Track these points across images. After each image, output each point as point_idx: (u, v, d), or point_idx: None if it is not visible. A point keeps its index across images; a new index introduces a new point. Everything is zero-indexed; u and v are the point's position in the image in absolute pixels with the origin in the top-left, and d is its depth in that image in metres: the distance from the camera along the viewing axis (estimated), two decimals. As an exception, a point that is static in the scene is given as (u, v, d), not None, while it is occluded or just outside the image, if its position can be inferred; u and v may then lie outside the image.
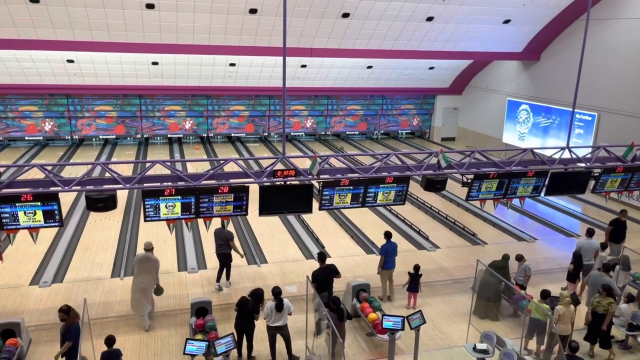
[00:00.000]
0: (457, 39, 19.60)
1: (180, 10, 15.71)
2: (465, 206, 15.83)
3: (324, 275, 8.94)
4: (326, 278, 8.96)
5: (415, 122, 26.82)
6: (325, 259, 9.19)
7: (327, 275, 8.99)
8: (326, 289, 8.88)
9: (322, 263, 9.11)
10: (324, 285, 8.89)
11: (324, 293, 8.76)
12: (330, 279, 9.03)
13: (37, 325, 8.86)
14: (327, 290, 8.85)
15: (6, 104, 21.24)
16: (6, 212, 7.59)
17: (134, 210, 14.62)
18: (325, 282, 8.92)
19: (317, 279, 8.83)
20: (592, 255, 10.49)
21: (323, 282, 8.89)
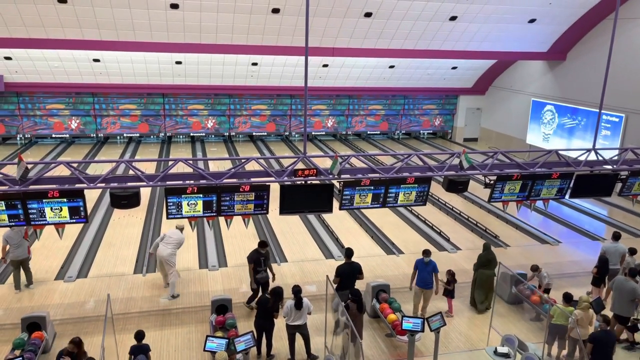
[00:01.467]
0: (481, 39, 19.37)
1: (204, 10, 15.87)
2: (488, 208, 15.63)
3: (349, 271, 8.99)
4: (350, 275, 8.99)
5: (437, 123, 26.59)
6: (352, 256, 9.25)
7: (352, 272, 9.02)
8: (348, 286, 8.81)
9: (348, 259, 9.18)
10: (346, 282, 8.90)
11: (345, 291, 8.65)
12: (354, 276, 9.03)
13: (62, 319, 9.05)
14: (348, 289, 8.68)
15: (34, 102, 21.74)
16: (34, 207, 7.76)
17: (157, 208, 14.82)
18: (348, 279, 8.94)
19: (342, 273, 8.94)
20: (618, 260, 10.26)
21: (347, 278, 8.93)
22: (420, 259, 9.38)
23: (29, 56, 18.87)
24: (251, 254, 9.38)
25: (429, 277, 9.28)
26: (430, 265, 9.27)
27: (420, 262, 9.35)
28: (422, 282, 9.32)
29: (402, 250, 12.53)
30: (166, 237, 10.03)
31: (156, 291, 10.16)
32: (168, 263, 9.85)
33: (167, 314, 9.37)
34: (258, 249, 9.43)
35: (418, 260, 9.40)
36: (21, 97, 21.54)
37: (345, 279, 8.94)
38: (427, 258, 9.26)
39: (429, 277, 9.28)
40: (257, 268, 9.33)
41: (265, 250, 9.47)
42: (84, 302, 9.69)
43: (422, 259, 9.35)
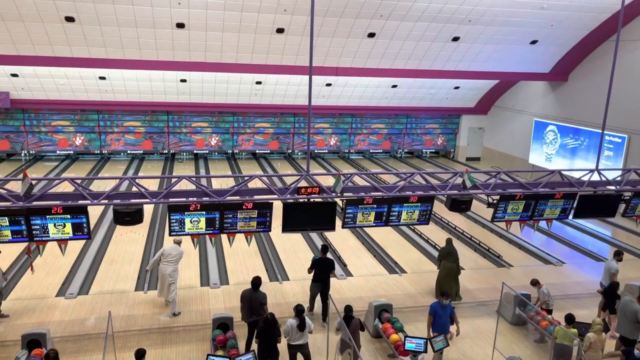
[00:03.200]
0: (483, 59, 19.54)
1: (210, 30, 16.09)
2: (490, 227, 15.58)
3: (323, 265, 9.73)
4: (324, 268, 9.73)
5: (439, 142, 26.68)
6: (327, 252, 10.00)
7: (326, 265, 9.75)
8: (321, 279, 9.73)
9: (324, 254, 9.89)
10: (321, 276, 9.74)
11: (317, 283, 9.73)
12: (328, 270, 9.75)
13: (62, 337, 8.99)
14: (321, 282, 9.71)
15: (40, 118, 21.93)
16: (37, 223, 7.78)
17: (159, 225, 14.83)
18: (322, 273, 9.73)
19: (315, 265, 9.72)
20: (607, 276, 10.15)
21: (321, 270, 9.72)
22: (437, 303, 8.49)
23: (36, 73, 19.09)
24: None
25: (447, 322, 8.46)
26: (449, 308, 8.46)
27: (438, 306, 8.42)
28: (442, 328, 8.38)
29: (405, 269, 12.46)
30: (165, 253, 9.92)
31: (157, 309, 10.10)
32: (172, 280, 9.80)
33: (168, 332, 9.31)
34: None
35: (435, 305, 8.45)
36: (27, 114, 21.73)
37: (319, 272, 9.71)
38: (446, 300, 8.40)
39: (447, 322, 8.46)
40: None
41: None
42: (84, 320, 9.63)
43: (439, 302, 8.47)
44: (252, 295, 8.37)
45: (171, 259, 9.84)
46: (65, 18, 15.00)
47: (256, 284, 8.40)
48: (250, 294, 8.39)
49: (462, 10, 16.30)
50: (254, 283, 8.41)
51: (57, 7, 14.60)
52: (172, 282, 9.79)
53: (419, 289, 11.40)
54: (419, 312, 10.34)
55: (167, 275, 9.78)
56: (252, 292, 8.39)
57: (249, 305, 8.37)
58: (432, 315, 8.38)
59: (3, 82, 19.57)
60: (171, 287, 9.79)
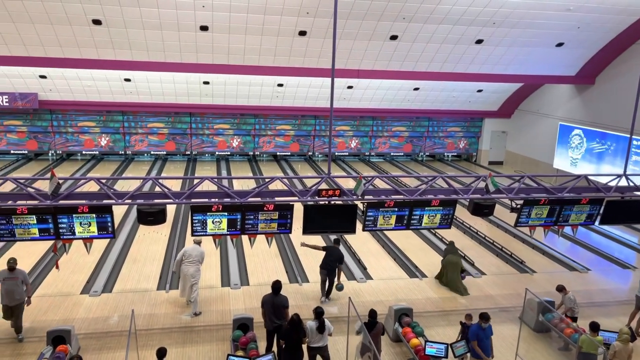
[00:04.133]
0: (507, 62, 19.29)
1: (233, 32, 16.23)
2: (513, 232, 15.35)
3: (332, 253, 10.40)
4: (332, 256, 10.37)
5: (461, 145, 26.41)
6: (339, 244, 10.73)
7: (335, 255, 10.37)
8: (327, 267, 10.41)
9: (336, 244, 10.65)
10: (327, 264, 10.38)
11: (323, 270, 10.43)
12: (335, 260, 10.35)
13: (86, 334, 9.15)
14: (327, 270, 10.41)
15: (67, 119, 22.41)
16: (64, 222, 7.94)
17: (181, 225, 14.99)
18: (329, 260, 10.37)
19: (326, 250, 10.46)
20: None
21: (328, 257, 10.37)
22: (476, 325, 8.10)
23: (64, 75, 19.51)
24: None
25: (488, 344, 8.08)
26: (489, 330, 8.05)
27: (477, 328, 8.03)
28: (485, 351, 8.02)
29: (426, 273, 12.36)
30: (187, 254, 9.98)
31: (178, 308, 10.21)
32: (194, 281, 9.86)
33: (189, 332, 9.40)
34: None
35: (474, 329, 8.05)
36: (54, 115, 22.22)
37: (326, 258, 10.37)
38: (486, 323, 8.03)
39: (488, 344, 8.08)
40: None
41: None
42: (108, 317, 9.79)
43: (479, 324, 8.08)
44: (273, 299, 8.36)
45: (192, 260, 9.93)
46: (93, 21, 15.31)
47: (277, 288, 8.40)
48: (271, 299, 8.37)
49: (486, 12, 16.14)
50: (275, 287, 8.40)
51: (84, 11, 14.91)
52: (194, 283, 9.88)
53: (440, 294, 11.29)
54: (440, 316, 10.25)
55: (189, 276, 9.86)
56: (273, 297, 8.38)
57: (271, 309, 8.34)
58: (474, 340, 7.95)
59: (32, 83, 20.06)
60: (193, 287, 9.88)
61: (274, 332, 8.39)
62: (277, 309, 8.32)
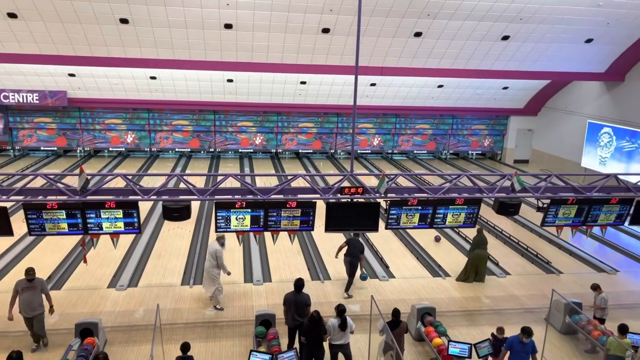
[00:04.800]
0: (534, 59, 18.94)
1: (257, 30, 16.31)
2: (539, 232, 15.09)
3: (356, 244, 10.78)
4: (357, 247, 10.75)
5: (486, 143, 26.05)
6: (359, 237, 11.10)
7: (358, 245, 10.79)
8: (352, 254, 10.75)
9: (357, 236, 10.97)
10: (354, 254, 10.72)
11: (348, 257, 10.78)
12: (357, 249, 10.76)
13: (113, 327, 9.34)
14: (351, 257, 10.75)
15: (94, 117, 22.85)
16: (92, 217, 8.11)
17: (205, 221, 15.16)
18: (355, 251, 10.74)
19: (348, 241, 10.79)
20: None
21: (353, 250, 10.73)
22: (515, 338, 7.60)
23: (92, 73, 19.90)
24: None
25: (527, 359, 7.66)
26: (530, 345, 7.57)
27: (516, 341, 7.56)
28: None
29: (449, 273, 12.25)
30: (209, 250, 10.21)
31: (202, 303, 10.34)
32: (207, 275, 10.07)
33: (212, 327, 9.51)
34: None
35: (512, 340, 7.60)
36: (82, 112, 22.68)
37: (353, 251, 10.75)
38: (527, 338, 7.52)
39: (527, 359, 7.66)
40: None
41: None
42: (133, 311, 9.97)
43: (518, 336, 7.59)
44: (296, 297, 8.38)
45: (209, 255, 10.11)
46: (120, 20, 15.57)
47: (299, 285, 8.43)
48: (294, 297, 8.39)
49: (513, 8, 15.86)
50: (297, 285, 8.43)
51: (112, 10, 15.18)
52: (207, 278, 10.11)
53: (464, 294, 11.18)
54: (463, 317, 10.14)
55: (204, 271, 10.22)
56: (296, 294, 8.40)
57: (294, 307, 8.35)
58: (506, 350, 7.59)
59: (61, 81, 20.51)
60: (213, 284, 10.03)
61: (295, 329, 8.43)
62: (300, 307, 8.34)
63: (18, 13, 15.25)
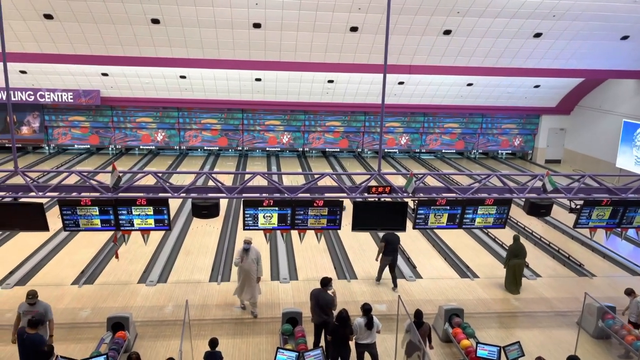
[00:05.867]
0: (568, 56, 18.49)
1: (285, 29, 16.39)
2: (571, 234, 14.73)
3: (394, 239, 10.79)
4: (395, 241, 10.80)
5: (516, 143, 25.56)
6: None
7: (396, 239, 10.82)
8: (391, 252, 10.81)
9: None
10: (392, 248, 10.77)
11: (388, 257, 10.82)
12: (396, 243, 10.86)
13: (143, 321, 9.53)
14: (393, 255, 10.86)
15: (126, 115, 23.35)
16: (123, 214, 8.29)
17: (233, 219, 15.32)
18: (393, 245, 10.78)
19: (387, 240, 10.75)
20: None
21: (392, 244, 10.74)
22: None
23: (124, 73, 20.33)
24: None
25: None
26: None
27: None
28: None
29: (477, 274, 12.08)
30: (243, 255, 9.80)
31: (230, 300, 10.44)
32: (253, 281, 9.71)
33: (240, 323, 9.61)
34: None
35: None
36: (114, 111, 23.20)
37: (391, 245, 10.74)
38: None
39: None
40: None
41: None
42: (163, 306, 10.15)
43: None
44: (319, 294, 8.40)
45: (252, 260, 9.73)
46: (151, 20, 15.87)
47: (324, 282, 8.45)
48: (317, 293, 8.42)
49: (545, 5, 15.52)
50: (322, 282, 8.45)
51: (144, 10, 15.47)
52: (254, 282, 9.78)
53: (492, 295, 11.01)
54: (492, 318, 9.99)
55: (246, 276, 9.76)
56: (320, 291, 8.43)
57: (317, 303, 8.39)
58: None
59: (94, 80, 21.01)
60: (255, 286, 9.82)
61: (321, 326, 8.44)
62: (323, 305, 8.33)
63: (54, 14, 15.70)
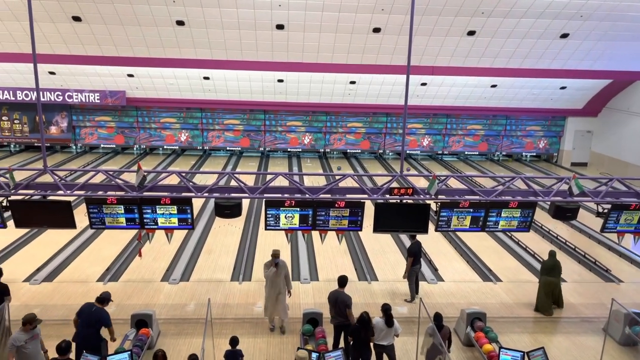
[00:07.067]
0: (595, 57, 18.14)
1: (308, 31, 16.46)
2: (598, 238, 14.42)
3: (418, 248, 10.57)
4: (419, 251, 10.62)
5: (541, 145, 25.14)
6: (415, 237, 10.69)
7: (420, 248, 10.65)
8: (418, 262, 10.63)
9: (413, 238, 10.66)
10: (418, 258, 10.58)
11: (416, 267, 10.56)
12: (421, 251, 10.75)
13: (166, 319, 9.65)
14: (419, 264, 10.65)
15: (150, 115, 23.71)
16: (148, 212, 8.42)
17: (254, 219, 15.42)
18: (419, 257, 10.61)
19: (414, 253, 10.44)
20: None
21: (418, 255, 10.54)
22: None
23: (149, 74, 20.65)
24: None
25: None
26: None
27: None
28: None
29: (500, 277, 11.92)
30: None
31: (251, 299, 10.52)
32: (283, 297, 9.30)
33: (261, 323, 9.66)
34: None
35: None
36: (139, 111, 23.58)
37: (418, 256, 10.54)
38: None
39: None
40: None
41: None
42: (185, 304, 10.28)
43: None
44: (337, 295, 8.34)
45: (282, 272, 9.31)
46: (176, 22, 16.10)
47: (342, 281, 8.46)
48: (335, 294, 8.37)
49: (572, 4, 15.26)
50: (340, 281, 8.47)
51: (169, 12, 15.71)
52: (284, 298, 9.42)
53: (516, 299, 10.84)
54: (515, 323, 9.85)
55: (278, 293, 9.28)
56: (338, 292, 8.38)
57: (334, 305, 8.36)
58: None
59: (120, 81, 21.40)
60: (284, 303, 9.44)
61: (340, 328, 8.42)
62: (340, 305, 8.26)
63: (82, 16, 16.06)
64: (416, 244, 10.59)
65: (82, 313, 7.69)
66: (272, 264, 9.12)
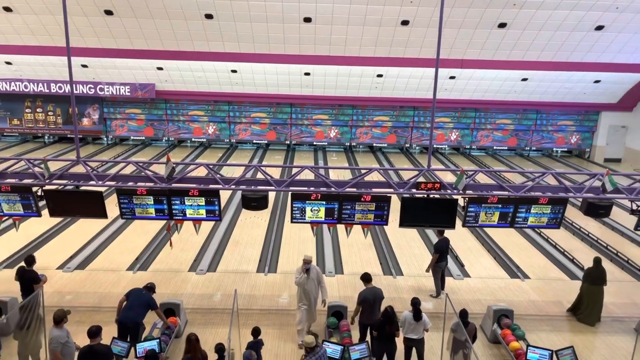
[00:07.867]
0: (632, 50, 17.58)
1: (335, 23, 16.40)
2: (631, 236, 14.02)
3: (446, 246, 10.47)
4: (447, 248, 10.55)
5: (573, 140, 24.54)
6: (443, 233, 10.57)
7: (447, 245, 10.59)
8: (444, 259, 10.52)
9: (441, 235, 10.55)
10: (445, 255, 10.50)
11: (441, 263, 10.43)
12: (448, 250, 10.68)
13: (193, 309, 9.82)
14: (445, 260, 10.53)
15: (179, 108, 24.04)
16: (177, 203, 8.56)
17: (280, 211, 15.51)
18: (446, 253, 10.53)
19: (441, 250, 10.33)
20: None
21: (445, 252, 10.45)
22: None
23: (178, 67, 20.91)
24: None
25: None
26: None
27: None
28: None
29: (528, 274, 11.72)
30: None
31: (276, 291, 10.61)
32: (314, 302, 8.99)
33: (285, 315, 9.74)
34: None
35: None
36: (168, 104, 23.94)
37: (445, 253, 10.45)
38: None
39: None
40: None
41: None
42: (212, 295, 10.43)
43: None
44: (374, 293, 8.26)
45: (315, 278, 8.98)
46: (205, 15, 16.24)
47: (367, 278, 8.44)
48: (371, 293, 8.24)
49: (609, -5, 14.81)
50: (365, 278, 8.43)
51: (198, 6, 15.86)
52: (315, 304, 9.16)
53: (544, 297, 10.65)
54: (544, 321, 9.68)
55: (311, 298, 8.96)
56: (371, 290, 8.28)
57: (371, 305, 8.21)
58: None
59: (150, 74, 21.74)
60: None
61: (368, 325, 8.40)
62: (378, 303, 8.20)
63: (114, 10, 16.35)
64: (444, 240, 10.48)
65: (130, 294, 8.10)
66: (303, 269, 8.73)
